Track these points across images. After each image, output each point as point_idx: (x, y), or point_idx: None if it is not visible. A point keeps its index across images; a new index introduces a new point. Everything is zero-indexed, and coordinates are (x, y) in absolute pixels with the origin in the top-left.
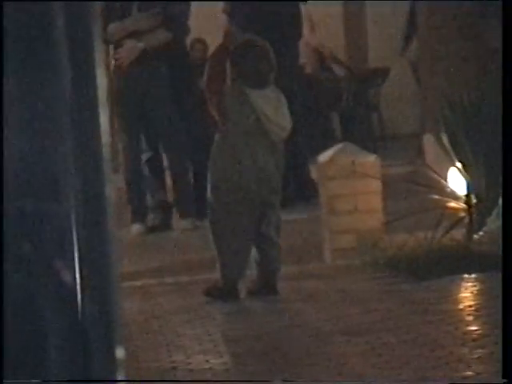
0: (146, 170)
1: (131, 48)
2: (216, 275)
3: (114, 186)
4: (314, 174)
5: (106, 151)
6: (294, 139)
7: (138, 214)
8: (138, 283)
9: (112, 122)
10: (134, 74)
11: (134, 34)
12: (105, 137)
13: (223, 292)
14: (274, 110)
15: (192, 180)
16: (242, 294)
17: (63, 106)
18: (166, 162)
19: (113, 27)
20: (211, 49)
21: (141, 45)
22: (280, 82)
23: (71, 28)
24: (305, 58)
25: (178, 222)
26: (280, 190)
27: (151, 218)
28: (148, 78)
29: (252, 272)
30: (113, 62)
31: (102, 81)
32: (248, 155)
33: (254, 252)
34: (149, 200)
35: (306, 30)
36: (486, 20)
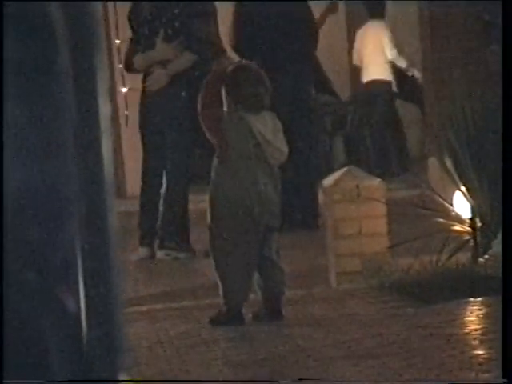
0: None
1: (159, 75)
2: (219, 301)
3: (118, 213)
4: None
5: (109, 179)
6: (298, 163)
7: (147, 238)
8: (144, 308)
9: (117, 149)
10: (156, 102)
11: (161, 63)
12: (108, 165)
13: (228, 318)
14: (272, 134)
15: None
16: (247, 318)
17: (67, 133)
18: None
19: (139, 57)
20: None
21: (169, 72)
22: (283, 106)
23: (75, 56)
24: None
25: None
26: (280, 214)
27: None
28: (167, 106)
29: (257, 297)
30: (141, 89)
31: (105, 109)
32: (249, 180)
33: (257, 277)
34: (158, 226)
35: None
36: (489, 45)
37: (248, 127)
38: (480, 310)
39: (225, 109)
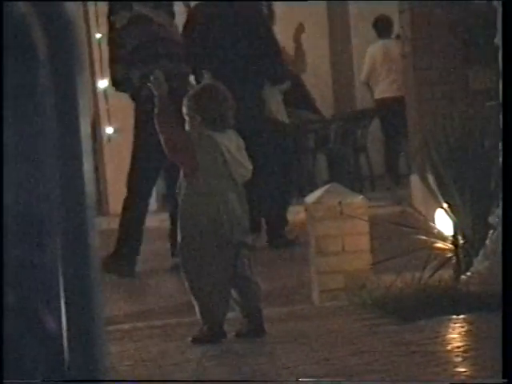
0: None
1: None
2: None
3: (98, 232)
4: (298, 215)
5: (90, 198)
6: (272, 182)
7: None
8: (126, 326)
9: (99, 168)
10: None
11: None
12: (89, 185)
13: (210, 336)
14: (237, 151)
15: None
16: (229, 336)
17: (47, 154)
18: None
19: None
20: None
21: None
22: (267, 124)
23: (57, 76)
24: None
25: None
26: (249, 231)
27: None
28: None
29: (236, 314)
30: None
31: (85, 128)
32: (220, 198)
33: (234, 294)
34: None
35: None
36: (470, 64)
37: (216, 145)
38: (462, 327)
39: (187, 128)
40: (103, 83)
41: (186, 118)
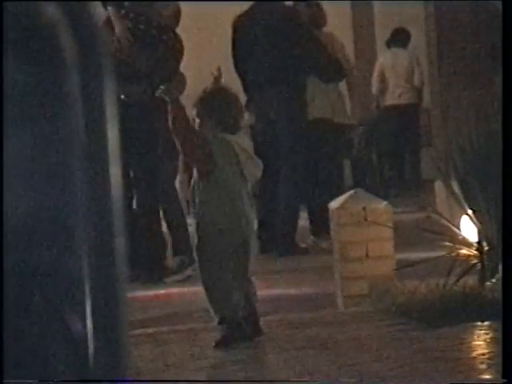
0: None
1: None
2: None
3: (124, 238)
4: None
5: (117, 202)
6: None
7: None
8: (150, 330)
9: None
10: None
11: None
12: (116, 189)
13: (233, 337)
14: (249, 153)
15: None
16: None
17: (75, 157)
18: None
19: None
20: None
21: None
22: (291, 128)
23: (84, 79)
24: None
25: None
26: (256, 232)
27: None
28: None
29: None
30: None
31: (113, 133)
32: (238, 197)
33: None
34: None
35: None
36: (496, 69)
37: (230, 146)
38: (487, 334)
39: (197, 129)
40: None
41: (197, 120)
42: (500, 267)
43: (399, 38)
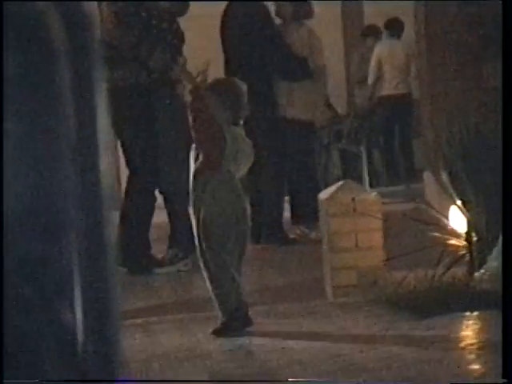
0: None
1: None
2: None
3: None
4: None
5: (108, 192)
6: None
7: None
8: (139, 321)
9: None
10: None
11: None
12: (106, 179)
13: (235, 326)
14: (250, 145)
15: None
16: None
17: (65, 147)
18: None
19: None
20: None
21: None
22: (262, 127)
23: (75, 70)
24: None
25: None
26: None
27: None
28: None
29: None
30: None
31: (104, 123)
32: (240, 189)
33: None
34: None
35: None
36: (485, 60)
37: (238, 138)
38: (476, 324)
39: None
40: None
41: (211, 110)
42: (489, 258)
43: (393, 28)
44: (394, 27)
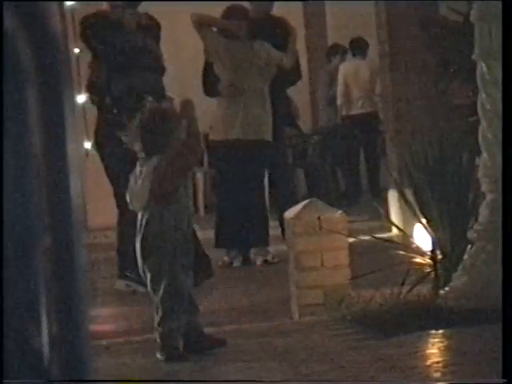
0: None
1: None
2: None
3: (86, 246)
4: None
5: (77, 212)
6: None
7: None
8: (104, 342)
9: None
10: None
11: None
12: (76, 200)
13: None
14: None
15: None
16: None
17: (34, 167)
18: None
19: None
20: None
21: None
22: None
23: (43, 92)
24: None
25: None
26: None
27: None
28: None
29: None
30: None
31: (72, 144)
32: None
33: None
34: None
35: None
36: (449, 79)
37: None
38: (441, 342)
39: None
40: (81, 98)
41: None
42: (454, 276)
43: (358, 47)
44: (359, 47)
